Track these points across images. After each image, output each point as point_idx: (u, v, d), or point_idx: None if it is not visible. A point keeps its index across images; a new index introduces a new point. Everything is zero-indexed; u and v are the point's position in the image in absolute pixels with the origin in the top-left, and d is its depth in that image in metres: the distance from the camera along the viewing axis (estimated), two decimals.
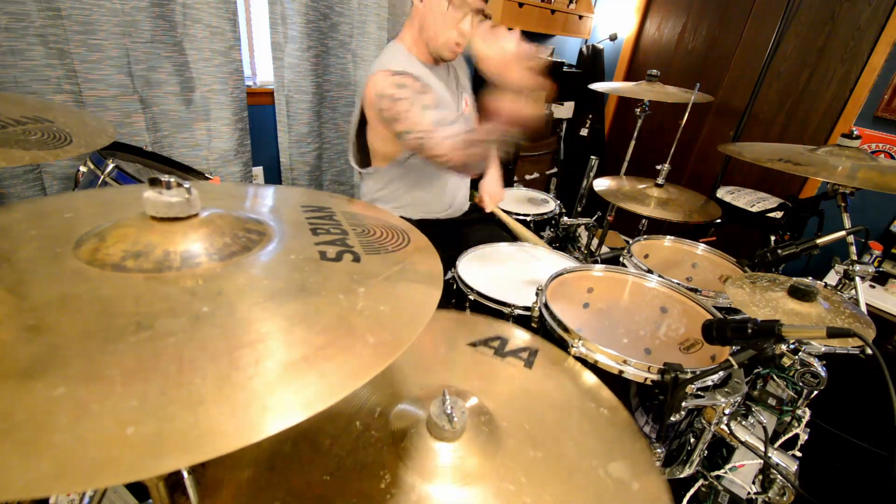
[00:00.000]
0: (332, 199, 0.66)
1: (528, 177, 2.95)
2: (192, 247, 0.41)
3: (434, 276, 0.47)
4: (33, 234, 0.46)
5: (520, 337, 0.84)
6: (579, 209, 2.05)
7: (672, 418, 0.77)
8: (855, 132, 1.20)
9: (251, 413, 0.29)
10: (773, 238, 1.60)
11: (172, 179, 0.42)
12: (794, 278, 0.99)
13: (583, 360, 0.84)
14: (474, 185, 1.86)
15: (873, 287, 2.04)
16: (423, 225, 1.55)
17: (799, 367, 1.02)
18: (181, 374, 0.30)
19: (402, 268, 0.46)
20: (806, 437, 1.09)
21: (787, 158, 1.17)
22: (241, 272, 0.40)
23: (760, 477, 0.93)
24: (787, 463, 0.91)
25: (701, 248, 1.44)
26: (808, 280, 1.00)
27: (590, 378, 0.77)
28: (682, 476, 0.89)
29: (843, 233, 1.13)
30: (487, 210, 1.58)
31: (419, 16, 1.31)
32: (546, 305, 0.96)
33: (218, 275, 0.39)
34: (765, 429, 0.96)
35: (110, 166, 1.11)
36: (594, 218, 1.84)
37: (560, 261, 1.40)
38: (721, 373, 0.78)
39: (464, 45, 1.33)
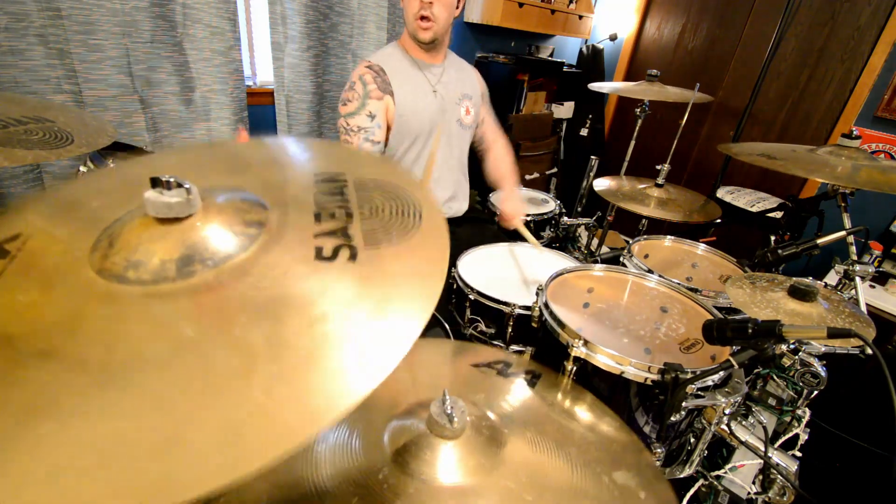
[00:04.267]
0: (351, 163, 0.61)
1: (528, 177, 2.95)
2: (188, 254, 0.40)
3: (433, 275, 0.43)
4: (60, 234, 0.46)
5: (523, 362, 0.84)
6: (579, 209, 2.05)
7: (672, 418, 0.77)
8: (855, 132, 1.20)
9: (189, 467, 0.27)
10: (773, 238, 1.60)
11: (172, 179, 0.42)
12: (794, 278, 0.99)
13: (583, 372, 0.85)
14: (473, 186, 1.86)
15: (873, 287, 2.04)
16: None
17: (799, 367, 1.02)
18: (154, 414, 0.29)
19: (400, 266, 0.43)
20: (806, 437, 1.09)
21: (773, 155, 1.17)
22: (231, 283, 0.39)
23: (760, 477, 0.93)
24: (787, 463, 0.91)
25: (701, 248, 1.44)
26: (808, 280, 1.00)
27: (593, 403, 0.76)
28: (682, 476, 0.89)
29: (843, 233, 1.13)
30: (510, 227, 1.54)
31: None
32: (546, 305, 0.96)
33: (209, 286, 0.39)
34: (765, 429, 0.96)
35: (110, 166, 1.11)
36: (594, 218, 1.84)
37: (560, 261, 1.40)
38: (721, 373, 0.78)
39: (434, 22, 1.32)
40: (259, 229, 0.45)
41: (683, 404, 0.76)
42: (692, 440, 0.87)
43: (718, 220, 1.52)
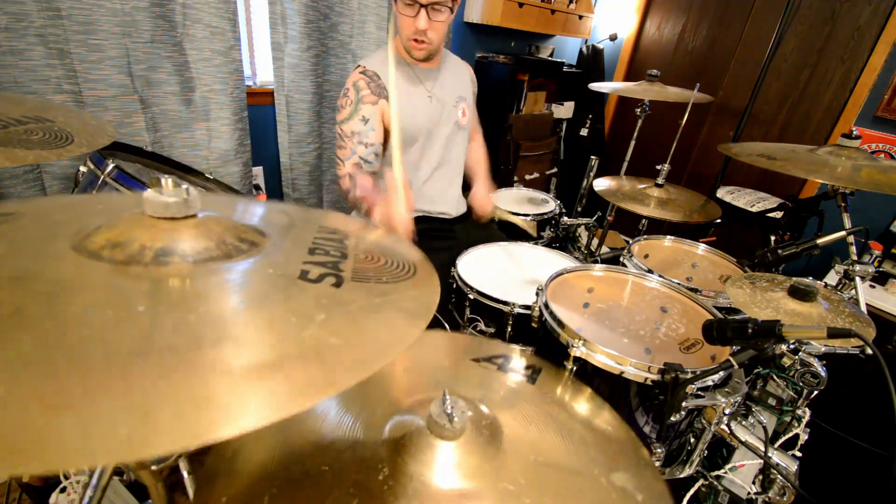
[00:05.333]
0: (356, 226, 0.62)
1: (528, 177, 2.95)
2: (170, 246, 0.40)
3: (418, 315, 0.42)
4: (56, 218, 0.46)
5: (523, 356, 0.85)
6: (579, 209, 2.05)
7: (672, 418, 0.77)
8: (855, 132, 1.19)
9: (75, 434, 0.24)
10: (773, 238, 1.60)
11: (171, 180, 0.42)
12: (794, 278, 0.99)
13: (583, 372, 0.85)
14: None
15: (873, 287, 2.04)
16: (418, 221, 1.55)
17: (799, 367, 1.02)
18: (66, 372, 0.27)
19: (384, 301, 0.42)
20: (806, 437, 1.09)
21: (773, 155, 1.17)
22: (203, 278, 0.39)
23: (760, 477, 0.93)
24: (787, 463, 0.91)
25: (701, 248, 1.44)
26: (808, 280, 1.00)
27: (593, 398, 0.77)
28: (682, 476, 0.89)
29: (843, 233, 1.13)
30: (482, 221, 1.57)
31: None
32: (546, 305, 0.96)
33: (179, 276, 0.38)
34: (765, 429, 0.96)
35: (110, 166, 1.11)
36: (594, 218, 1.84)
37: (560, 261, 1.40)
38: (721, 373, 0.78)
39: (429, 43, 1.32)
40: (250, 247, 0.45)
41: (683, 404, 0.76)
42: (692, 440, 0.87)
43: (718, 220, 1.52)
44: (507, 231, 1.69)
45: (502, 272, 1.29)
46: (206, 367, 0.30)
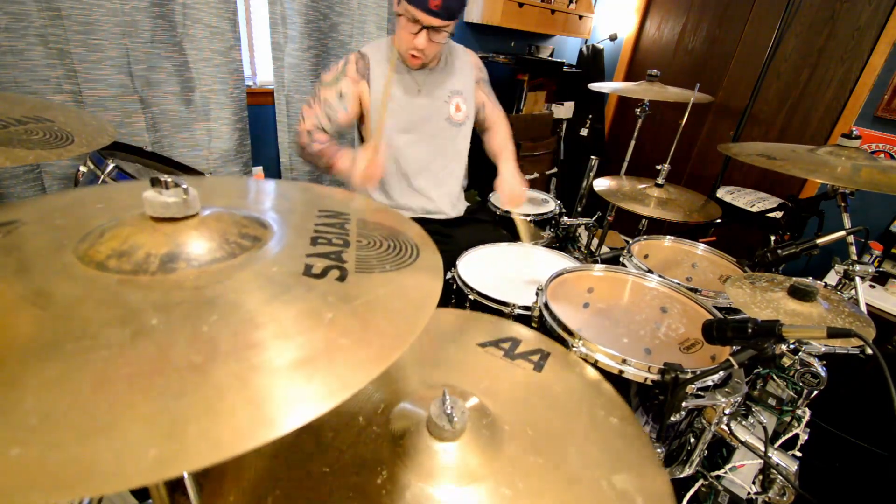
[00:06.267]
0: (358, 204, 0.62)
1: (528, 177, 2.95)
2: (174, 251, 0.40)
3: (423, 305, 0.42)
4: (59, 224, 0.46)
5: (532, 339, 0.84)
6: (579, 209, 2.05)
7: (672, 418, 0.77)
8: (855, 132, 1.20)
9: (109, 459, 0.25)
10: (773, 238, 1.60)
11: (170, 179, 0.42)
12: (794, 278, 0.99)
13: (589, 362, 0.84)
14: (474, 185, 1.85)
15: (873, 287, 2.04)
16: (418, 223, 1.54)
17: (799, 367, 1.02)
18: (93, 396, 0.28)
19: (388, 292, 0.43)
20: (806, 437, 1.09)
21: (773, 155, 1.18)
22: (211, 285, 0.39)
23: (760, 477, 0.93)
24: (787, 463, 0.91)
25: (701, 248, 1.44)
26: (808, 280, 1.00)
27: (603, 385, 0.75)
28: (682, 476, 0.89)
29: (843, 233, 1.13)
30: (511, 208, 1.50)
31: None
32: (546, 305, 0.96)
33: (187, 283, 0.38)
34: (765, 429, 0.96)
35: (110, 166, 1.11)
36: (594, 218, 1.84)
37: (560, 261, 1.40)
38: (721, 373, 0.78)
39: (423, 58, 1.33)
40: (253, 242, 0.45)
41: (683, 404, 0.76)
42: (692, 440, 0.87)
43: (718, 220, 1.52)
44: (506, 229, 1.68)
45: (502, 273, 1.29)
46: (223, 381, 0.30)
